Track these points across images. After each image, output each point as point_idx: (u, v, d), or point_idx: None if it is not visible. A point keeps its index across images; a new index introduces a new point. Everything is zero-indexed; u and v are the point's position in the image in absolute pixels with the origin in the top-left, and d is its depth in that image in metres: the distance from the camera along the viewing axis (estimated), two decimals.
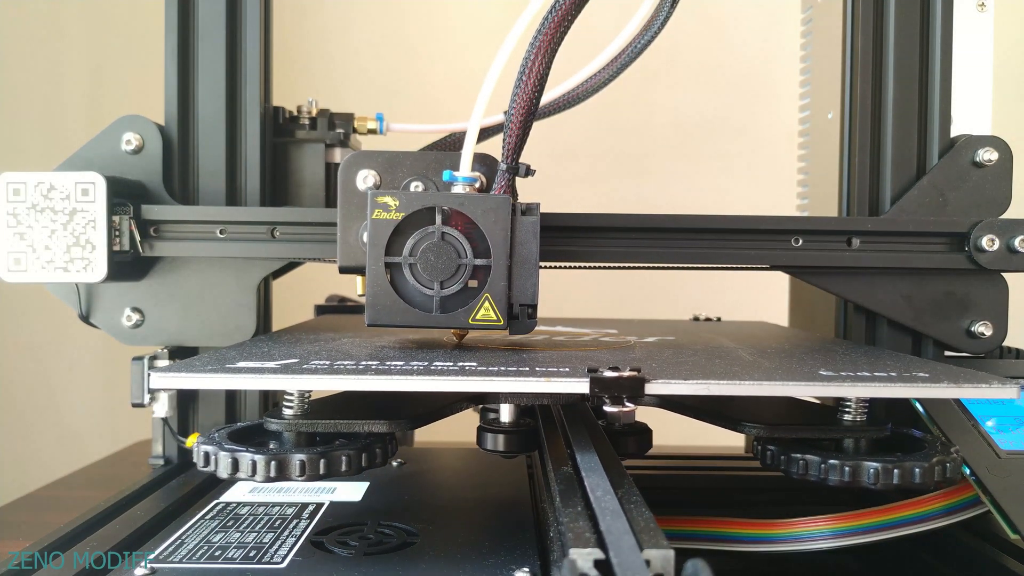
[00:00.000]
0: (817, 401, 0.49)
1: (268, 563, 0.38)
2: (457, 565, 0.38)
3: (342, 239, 0.48)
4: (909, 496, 0.47)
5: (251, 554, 0.39)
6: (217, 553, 0.39)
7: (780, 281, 0.70)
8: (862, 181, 0.57)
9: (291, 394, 0.40)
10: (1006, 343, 0.55)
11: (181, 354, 0.56)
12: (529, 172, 0.46)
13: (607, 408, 0.37)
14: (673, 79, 1.05)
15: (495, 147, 0.65)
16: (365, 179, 0.48)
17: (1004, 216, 0.54)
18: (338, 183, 0.48)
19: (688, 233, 0.54)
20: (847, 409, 0.41)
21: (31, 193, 0.51)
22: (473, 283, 0.44)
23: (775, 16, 1.07)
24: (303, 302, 0.79)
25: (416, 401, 0.43)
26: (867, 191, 0.57)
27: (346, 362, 0.39)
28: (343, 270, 0.48)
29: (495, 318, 0.44)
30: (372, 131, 0.66)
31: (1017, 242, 0.53)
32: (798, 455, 0.39)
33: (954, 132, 0.57)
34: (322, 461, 0.38)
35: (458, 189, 0.45)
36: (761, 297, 0.82)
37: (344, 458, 0.38)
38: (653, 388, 0.36)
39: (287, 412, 0.40)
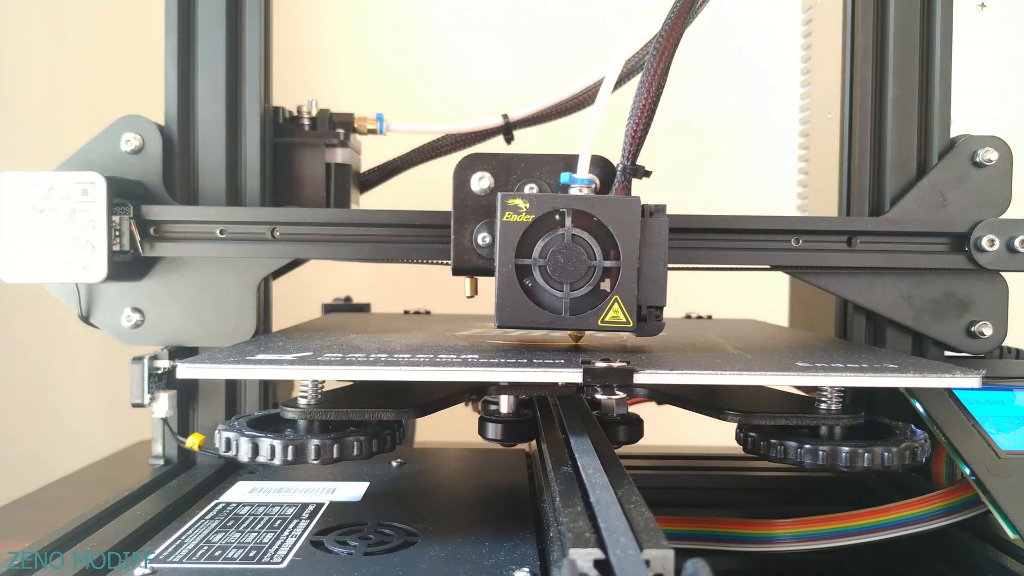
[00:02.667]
0: (802, 393, 0.50)
1: (268, 563, 0.38)
2: (457, 565, 0.38)
3: (456, 241, 0.48)
4: (909, 496, 0.47)
5: (251, 554, 0.39)
6: (217, 553, 0.39)
7: (780, 281, 0.70)
8: (862, 181, 0.57)
9: (306, 384, 0.42)
10: (1006, 343, 0.55)
11: (181, 354, 0.56)
12: (646, 174, 0.46)
13: (599, 396, 0.39)
14: (673, 79, 1.05)
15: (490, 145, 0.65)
16: (481, 180, 0.48)
17: (1004, 216, 0.54)
18: (453, 184, 0.48)
19: (688, 233, 0.54)
20: (823, 398, 0.43)
21: (31, 193, 0.51)
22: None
23: (775, 16, 1.07)
24: (303, 302, 0.79)
25: (422, 392, 0.45)
26: (867, 191, 0.57)
27: (357, 355, 0.41)
28: (456, 272, 0.48)
29: (624, 320, 0.44)
30: (372, 131, 0.66)
31: (1017, 242, 0.53)
32: (776, 441, 0.42)
33: (954, 132, 0.57)
34: (335, 446, 0.40)
35: (575, 191, 0.46)
36: (761, 297, 0.82)
37: (356, 443, 0.41)
38: (641, 378, 0.38)
39: (302, 401, 0.42)
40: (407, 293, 0.88)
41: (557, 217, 0.44)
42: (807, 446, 0.41)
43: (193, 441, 0.53)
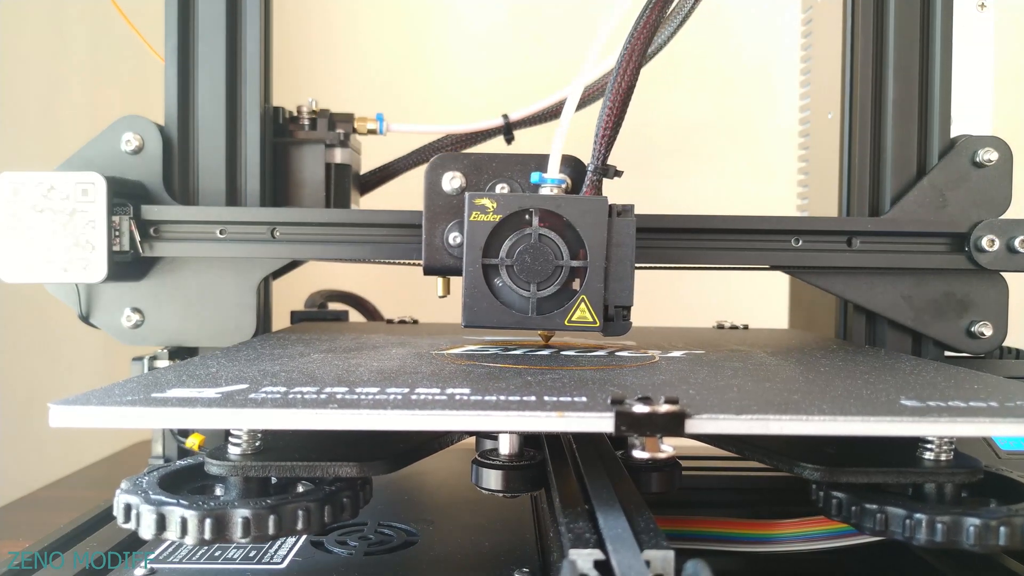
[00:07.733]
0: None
1: (268, 563, 0.38)
2: (457, 565, 0.38)
3: (427, 241, 0.48)
4: None
5: (251, 554, 0.39)
6: (217, 553, 0.39)
7: (780, 281, 0.70)
8: (862, 181, 0.57)
9: (238, 428, 0.34)
10: (1006, 343, 0.55)
11: (181, 354, 0.56)
12: (617, 173, 0.46)
13: (637, 453, 0.31)
14: (673, 80, 1.05)
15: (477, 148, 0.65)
16: (452, 180, 0.48)
17: (1004, 216, 0.54)
18: (424, 184, 0.48)
19: (688, 233, 0.54)
20: (929, 446, 0.34)
21: (31, 193, 0.51)
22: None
23: (775, 16, 1.07)
24: (303, 302, 0.79)
25: (398, 432, 0.33)
26: (867, 191, 0.57)
27: (306, 389, 0.32)
28: (428, 271, 0.48)
29: (591, 320, 0.44)
30: (372, 131, 0.66)
31: (1017, 242, 0.53)
32: (874, 506, 0.33)
33: (954, 132, 0.57)
34: (272, 518, 0.31)
35: (545, 191, 0.45)
36: (760, 297, 0.82)
37: (301, 513, 0.31)
38: (696, 425, 0.29)
39: (233, 451, 0.33)
40: (409, 293, 0.88)
41: (527, 217, 0.44)
42: (919, 516, 0.31)
43: (193, 441, 0.53)
